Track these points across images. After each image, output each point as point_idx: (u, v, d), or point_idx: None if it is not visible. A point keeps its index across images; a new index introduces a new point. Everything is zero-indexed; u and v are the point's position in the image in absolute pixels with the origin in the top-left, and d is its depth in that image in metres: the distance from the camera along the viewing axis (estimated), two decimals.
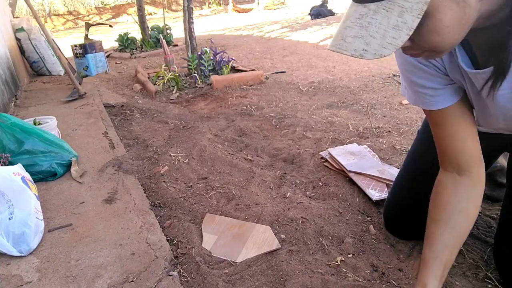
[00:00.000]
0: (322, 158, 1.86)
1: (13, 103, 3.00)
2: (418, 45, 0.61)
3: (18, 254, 1.18)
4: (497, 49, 0.63)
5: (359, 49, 0.56)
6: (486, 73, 0.69)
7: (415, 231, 1.23)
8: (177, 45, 6.03)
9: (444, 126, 0.86)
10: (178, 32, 7.02)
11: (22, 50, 4.14)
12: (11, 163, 1.54)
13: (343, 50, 0.57)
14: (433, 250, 0.84)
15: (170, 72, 3.74)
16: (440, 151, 0.91)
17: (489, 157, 1.10)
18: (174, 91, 3.46)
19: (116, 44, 6.27)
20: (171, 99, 3.27)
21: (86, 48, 4.19)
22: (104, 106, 2.86)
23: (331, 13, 7.99)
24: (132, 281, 1.06)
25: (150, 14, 15.60)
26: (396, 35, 0.55)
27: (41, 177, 1.66)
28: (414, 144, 1.26)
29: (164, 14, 6.64)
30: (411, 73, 0.85)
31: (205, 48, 3.77)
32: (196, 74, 3.62)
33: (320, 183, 1.66)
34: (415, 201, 1.18)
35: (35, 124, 2.00)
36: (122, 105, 2.94)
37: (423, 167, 1.16)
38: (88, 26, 4.79)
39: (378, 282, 1.09)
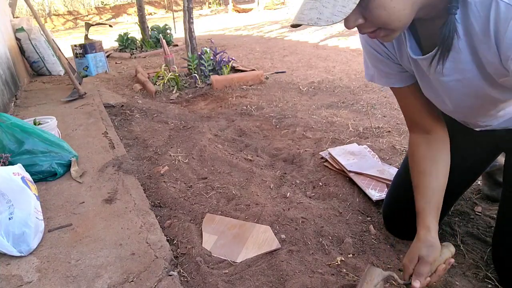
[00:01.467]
0: (322, 158, 1.86)
1: (13, 103, 3.00)
2: (370, 22, 0.69)
3: (18, 254, 1.18)
4: (441, 26, 0.70)
5: (314, 18, 0.63)
6: (431, 56, 0.77)
7: (414, 230, 1.24)
8: (177, 45, 6.03)
9: (405, 100, 0.99)
10: (178, 32, 7.02)
11: (22, 50, 4.14)
12: (11, 163, 1.54)
13: (301, 21, 0.65)
14: (425, 197, 0.94)
15: (170, 72, 3.74)
16: (407, 120, 1.03)
17: (485, 157, 1.11)
18: (174, 91, 3.46)
19: (116, 44, 6.27)
20: (171, 99, 3.27)
21: (86, 48, 4.19)
22: (104, 106, 2.86)
23: None
24: (132, 281, 1.06)
25: (150, 14, 15.61)
26: (345, 4, 0.61)
27: (41, 177, 1.66)
28: None
29: (173, 14, 6.63)
30: (370, 56, 0.96)
31: (205, 48, 3.77)
32: (196, 74, 3.62)
33: (320, 183, 1.66)
34: (413, 200, 1.18)
35: (35, 124, 2.00)
36: (122, 105, 2.94)
37: None
38: (88, 26, 4.79)
39: None
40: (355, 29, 0.72)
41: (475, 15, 0.66)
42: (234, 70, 3.89)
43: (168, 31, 6.21)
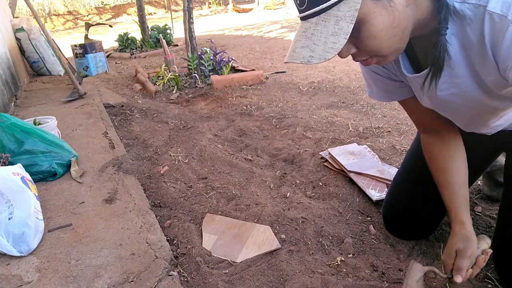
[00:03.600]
0: (322, 158, 1.86)
1: (13, 103, 3.00)
2: (363, 51, 0.70)
3: (18, 254, 1.18)
4: (432, 47, 0.71)
5: (306, 56, 0.65)
6: (424, 74, 0.77)
7: (414, 230, 1.24)
8: (177, 45, 6.03)
9: (411, 108, 1.01)
10: (178, 32, 7.02)
11: (22, 50, 4.14)
12: (11, 163, 1.54)
13: (294, 59, 0.67)
14: (453, 193, 0.94)
15: (170, 72, 3.74)
16: (415, 123, 1.06)
17: (485, 158, 1.11)
18: (174, 91, 3.46)
19: (116, 44, 6.27)
20: (171, 99, 3.27)
21: (86, 48, 4.19)
22: (104, 106, 2.86)
23: None
24: (132, 281, 1.06)
25: (150, 14, 15.61)
26: (336, 40, 0.63)
27: (41, 177, 1.66)
28: (413, 143, 1.26)
29: (171, 14, 6.63)
30: (369, 75, 0.99)
31: (205, 48, 3.77)
32: (196, 74, 3.62)
33: (320, 183, 1.66)
34: (413, 200, 1.18)
35: (35, 124, 2.00)
36: (122, 105, 2.94)
37: (421, 166, 1.16)
38: (88, 26, 4.79)
39: (378, 282, 1.09)
40: None
41: (471, 28, 0.66)
42: (234, 70, 3.89)
43: (168, 31, 6.21)
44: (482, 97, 0.76)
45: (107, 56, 5.13)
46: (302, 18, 0.67)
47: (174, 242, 1.31)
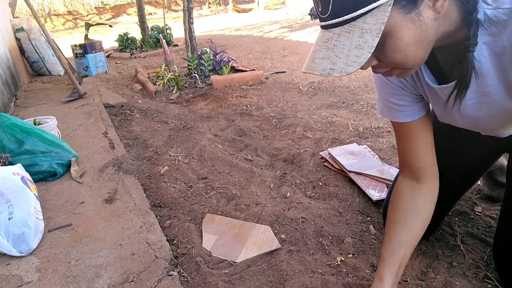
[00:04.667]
0: (322, 158, 1.86)
1: (13, 103, 3.00)
2: (385, 64, 0.67)
3: (18, 254, 1.18)
4: (459, 62, 0.68)
5: (326, 68, 0.61)
6: (451, 86, 0.75)
7: None
8: (177, 45, 6.03)
9: (406, 139, 0.95)
10: (178, 32, 7.02)
11: (22, 50, 4.14)
12: (11, 163, 1.54)
13: (313, 70, 0.63)
14: (391, 248, 0.91)
15: (170, 72, 3.74)
16: (401, 160, 1.00)
17: (488, 158, 1.10)
18: (174, 91, 3.46)
19: (116, 44, 6.27)
20: (171, 99, 3.27)
21: (86, 48, 4.19)
22: (104, 106, 2.86)
23: None
24: (132, 281, 1.06)
25: (150, 14, 15.61)
26: (359, 54, 0.59)
27: (41, 177, 1.66)
28: None
29: (164, 14, 6.64)
30: (382, 89, 0.94)
31: (205, 48, 3.77)
32: (196, 74, 3.62)
33: (320, 183, 1.66)
34: None
35: (35, 124, 2.00)
36: (122, 105, 2.94)
37: None
38: (88, 26, 4.79)
39: None
40: None
41: (506, 32, 0.64)
42: (234, 70, 3.89)
43: (168, 31, 6.21)
44: (510, 103, 0.74)
45: (107, 56, 5.13)
46: (324, 27, 0.64)
47: (174, 242, 1.31)
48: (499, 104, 0.75)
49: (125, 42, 6.06)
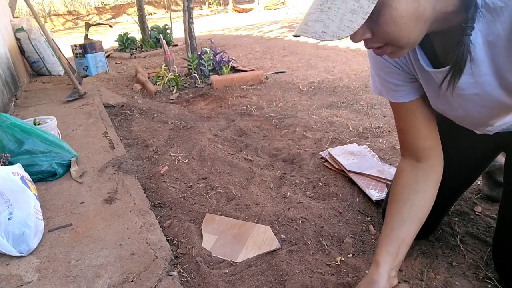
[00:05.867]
0: (322, 158, 1.86)
1: (13, 103, 3.00)
2: (379, 37, 0.65)
3: (18, 254, 1.18)
4: (455, 46, 0.68)
5: (318, 31, 0.60)
6: (445, 71, 0.74)
7: None
8: (177, 45, 6.03)
9: (406, 120, 0.93)
10: (178, 32, 7.02)
11: (22, 50, 4.14)
12: (11, 163, 1.54)
13: (304, 33, 0.61)
14: (390, 227, 0.88)
15: (170, 72, 3.74)
16: (401, 141, 0.98)
17: (487, 156, 1.11)
18: (174, 91, 3.46)
19: (116, 44, 6.27)
20: (171, 99, 3.27)
21: (86, 48, 4.19)
22: (104, 106, 2.86)
23: None
24: (132, 281, 1.06)
25: (150, 14, 15.61)
26: (353, 19, 0.58)
27: (41, 177, 1.66)
28: None
29: (170, 14, 6.64)
30: (377, 66, 0.91)
31: (205, 48, 3.77)
32: (196, 74, 3.62)
33: (320, 183, 1.66)
34: None
35: (35, 124, 2.00)
36: (122, 105, 2.94)
37: None
38: (88, 26, 4.79)
39: None
40: None
41: (501, 20, 0.63)
42: (234, 70, 3.89)
43: (168, 31, 6.21)
44: (501, 95, 0.74)
45: (107, 56, 5.13)
46: None
47: (174, 242, 1.31)
48: (489, 95, 0.74)
49: (125, 42, 6.06)
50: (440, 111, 0.91)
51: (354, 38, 0.65)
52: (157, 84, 3.62)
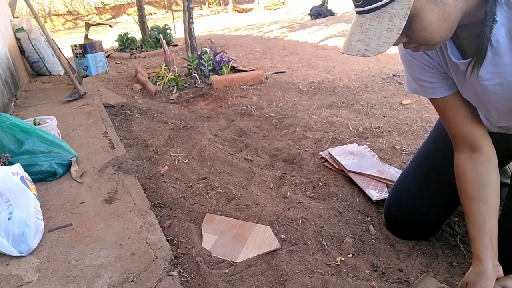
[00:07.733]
0: (322, 158, 1.86)
1: (13, 103, 3.00)
2: (414, 40, 0.75)
3: (18, 254, 1.18)
4: (477, 36, 0.76)
5: (361, 49, 0.72)
6: (468, 62, 0.81)
7: (417, 230, 1.23)
8: (177, 45, 6.03)
9: (449, 113, 0.98)
10: (178, 32, 7.02)
11: (22, 50, 4.14)
12: (11, 163, 1.54)
13: (350, 51, 0.74)
14: (476, 226, 0.92)
15: (170, 72, 3.74)
16: (452, 135, 1.01)
17: (500, 161, 1.11)
18: (174, 91, 3.46)
19: (116, 44, 6.27)
20: (171, 99, 3.27)
21: (86, 48, 4.19)
22: (104, 106, 2.86)
23: (331, 13, 7.99)
24: (132, 281, 1.06)
25: (150, 14, 15.61)
26: (389, 36, 0.69)
27: (41, 177, 1.66)
28: (425, 144, 1.26)
29: (173, 14, 6.63)
30: (411, 69, 0.99)
31: (205, 48, 3.77)
32: (196, 74, 3.62)
33: (320, 183, 1.66)
34: (421, 201, 1.18)
35: (35, 124, 2.00)
36: (122, 105, 2.94)
37: (431, 167, 1.16)
38: (88, 26, 4.79)
39: (378, 282, 1.09)
40: None
41: None
42: (234, 70, 3.89)
43: (168, 31, 6.21)
44: None
45: (107, 56, 5.13)
46: (358, 13, 0.73)
47: (174, 242, 1.31)
48: None
49: (125, 42, 6.06)
50: (467, 98, 0.95)
51: (394, 44, 0.73)
52: (157, 84, 3.62)
